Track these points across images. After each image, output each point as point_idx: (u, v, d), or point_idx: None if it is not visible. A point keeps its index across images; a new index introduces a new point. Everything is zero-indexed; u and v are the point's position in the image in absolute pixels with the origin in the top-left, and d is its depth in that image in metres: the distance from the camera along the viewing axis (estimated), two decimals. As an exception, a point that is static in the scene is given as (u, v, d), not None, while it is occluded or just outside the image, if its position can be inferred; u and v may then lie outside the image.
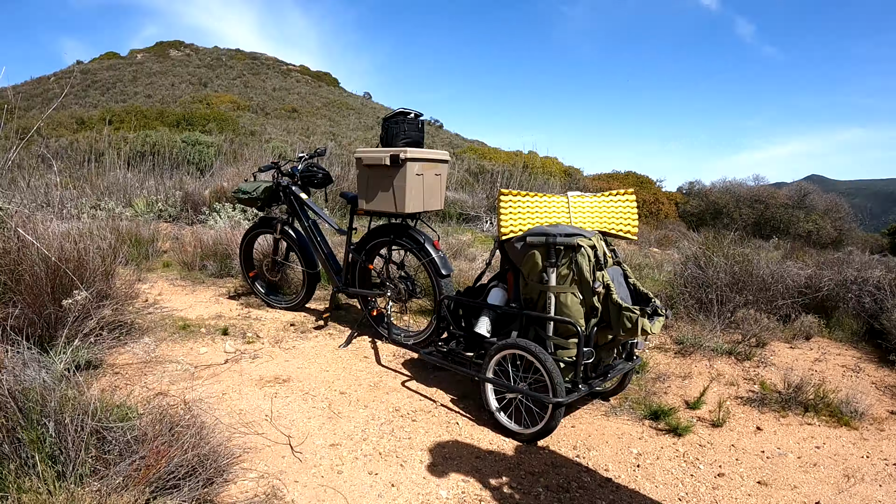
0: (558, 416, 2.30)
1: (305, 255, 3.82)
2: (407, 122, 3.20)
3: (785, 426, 2.62)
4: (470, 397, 2.79)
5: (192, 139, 10.75)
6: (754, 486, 2.14)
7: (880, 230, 17.83)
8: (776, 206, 16.93)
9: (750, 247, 4.78)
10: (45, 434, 1.65)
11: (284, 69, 48.70)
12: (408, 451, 2.28)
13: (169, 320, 3.62)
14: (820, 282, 4.18)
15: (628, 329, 2.23)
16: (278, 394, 2.72)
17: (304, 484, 2.02)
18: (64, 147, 10.70)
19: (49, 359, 2.29)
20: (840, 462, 2.33)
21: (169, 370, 2.87)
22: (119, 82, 38.27)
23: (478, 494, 2.02)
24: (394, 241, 3.35)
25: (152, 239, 5.41)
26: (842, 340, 3.83)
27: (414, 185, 3.07)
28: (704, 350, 3.46)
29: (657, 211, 17.83)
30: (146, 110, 23.12)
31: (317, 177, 3.80)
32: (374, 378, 2.98)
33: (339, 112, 38.84)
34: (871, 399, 2.87)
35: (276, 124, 28.09)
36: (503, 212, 2.58)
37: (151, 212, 7.16)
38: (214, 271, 4.78)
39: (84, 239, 3.06)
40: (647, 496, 2.06)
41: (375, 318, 3.58)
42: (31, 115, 23.67)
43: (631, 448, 2.38)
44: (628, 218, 2.69)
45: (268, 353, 3.24)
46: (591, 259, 2.31)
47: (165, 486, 1.70)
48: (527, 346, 2.32)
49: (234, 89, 39.32)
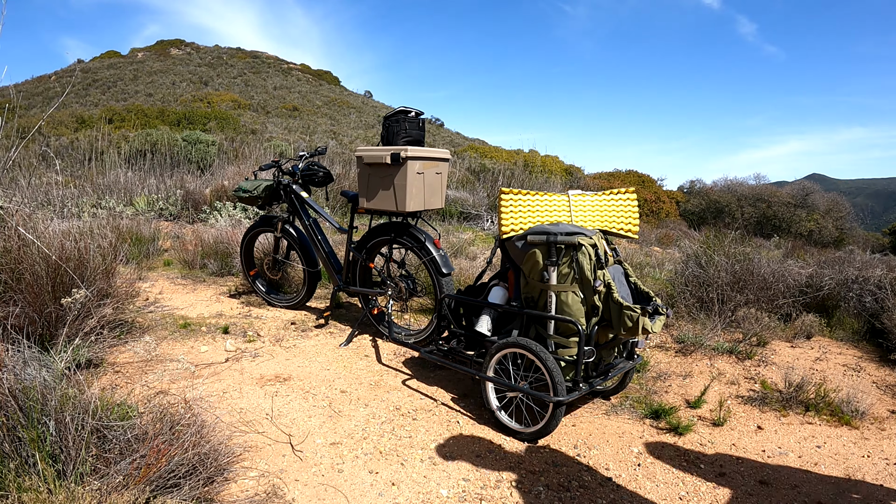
0: (559, 414, 2.29)
1: (306, 253, 3.82)
2: (408, 120, 3.20)
3: (786, 425, 2.61)
4: (471, 396, 2.79)
5: (193, 138, 10.75)
6: (755, 485, 2.14)
7: (881, 229, 17.81)
8: (777, 205, 16.91)
9: (751, 246, 4.77)
10: (45, 433, 1.65)
11: (285, 68, 48.67)
12: (408, 449, 2.28)
13: (169, 319, 3.63)
14: (821, 281, 4.18)
15: (629, 328, 2.23)
16: (279, 392, 2.72)
17: (305, 482, 2.02)
18: (65, 146, 10.71)
19: (49, 357, 2.29)
20: (841, 461, 2.33)
21: (169, 369, 2.87)
22: (120, 81, 38.26)
23: (478, 493, 2.02)
24: (394, 239, 3.35)
25: (153, 237, 5.41)
26: (843, 339, 3.82)
27: (415, 184, 3.06)
28: (705, 349, 3.45)
29: (658, 210, 17.81)
30: (147, 109, 23.12)
31: (317, 175, 3.80)
32: (374, 377, 2.98)
33: (339, 111, 38.82)
34: (872, 398, 2.87)
35: (276, 123, 28.09)
36: (504, 210, 2.57)
37: (152, 210, 7.16)
38: (215, 270, 4.78)
39: (85, 237, 3.06)
40: (647, 495, 2.06)
41: (376, 316, 3.58)
42: (31, 113, 23.70)
43: (632, 447, 2.38)
44: (629, 217, 2.68)
45: (268, 351, 3.24)
46: (591, 258, 2.31)
47: (166, 484, 1.70)
48: (528, 345, 2.32)
49: (235, 88, 39.31)
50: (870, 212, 20.66)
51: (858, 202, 21.04)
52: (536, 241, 2.38)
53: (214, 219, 6.67)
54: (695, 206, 18.34)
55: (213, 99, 32.52)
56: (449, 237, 6.36)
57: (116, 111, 22.10)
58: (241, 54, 49.46)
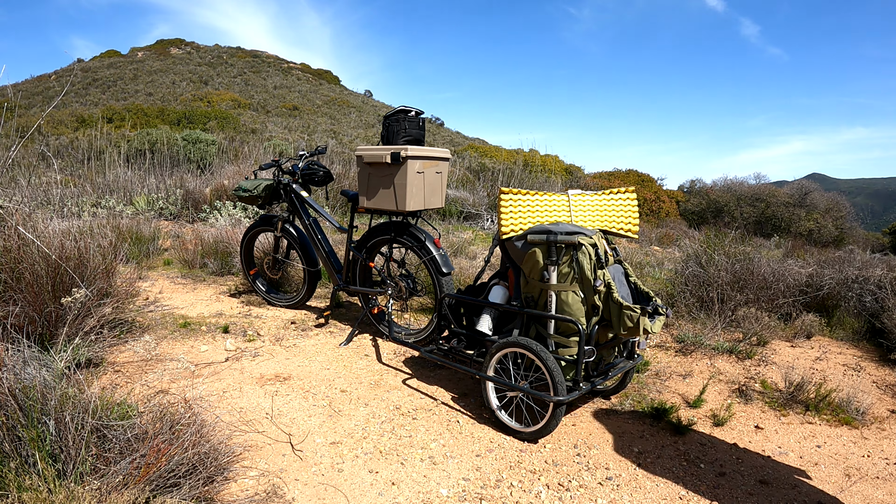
0: (559, 414, 2.29)
1: (306, 253, 3.82)
2: (408, 119, 3.19)
3: (786, 425, 2.61)
4: (471, 395, 2.79)
5: (193, 137, 10.75)
6: (755, 484, 2.14)
7: (881, 229, 17.81)
8: (777, 205, 16.90)
9: (751, 245, 4.77)
10: (45, 432, 1.65)
11: (285, 67, 48.65)
12: (408, 449, 2.28)
13: (169, 318, 3.62)
14: (821, 280, 4.18)
15: (629, 328, 2.23)
16: (279, 392, 2.72)
17: (305, 482, 2.02)
18: (64, 145, 10.71)
19: (49, 357, 2.28)
20: (841, 461, 2.33)
21: (169, 368, 2.87)
22: (120, 80, 38.24)
23: (478, 493, 2.02)
24: (395, 239, 3.35)
25: (153, 237, 5.41)
26: (843, 339, 3.82)
27: (415, 183, 3.06)
28: (705, 348, 3.45)
29: (658, 209, 17.80)
30: (147, 108, 23.10)
31: (317, 175, 3.80)
32: (374, 376, 2.98)
33: (339, 110, 38.81)
34: (872, 398, 2.87)
35: (276, 122, 28.08)
36: (504, 210, 2.57)
37: (152, 210, 7.16)
38: (215, 269, 4.78)
39: (84, 237, 3.06)
40: (647, 495, 2.06)
41: (376, 316, 3.58)
42: (31, 113, 23.68)
43: (632, 446, 2.37)
44: (629, 216, 2.68)
45: (268, 351, 3.24)
46: (592, 257, 2.31)
47: (166, 484, 1.70)
48: (528, 345, 2.32)
49: (235, 87, 39.29)
50: (870, 211, 20.67)
51: (859, 202, 21.07)
52: (537, 240, 2.38)
53: (214, 218, 6.67)
54: (695, 205, 18.33)
55: (212, 98, 32.51)
56: (449, 236, 6.35)
57: (116, 110, 22.09)
58: (241, 53, 49.44)
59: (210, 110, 24.53)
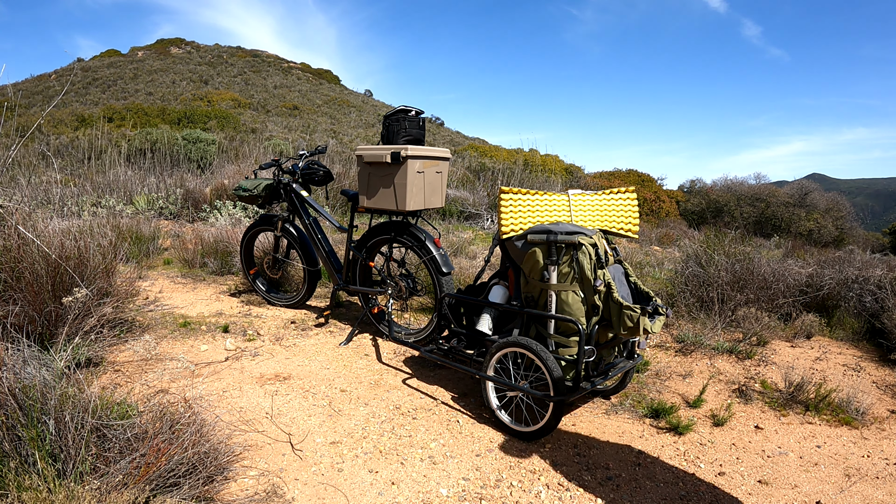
0: (559, 414, 2.29)
1: (306, 252, 3.81)
2: (408, 119, 3.19)
3: (786, 425, 2.61)
4: (471, 395, 2.79)
5: (193, 136, 10.74)
6: (755, 484, 2.14)
7: (881, 229, 17.80)
8: (777, 205, 16.90)
9: (751, 245, 4.77)
10: (45, 432, 1.65)
11: (285, 66, 48.64)
12: (408, 448, 2.28)
13: (169, 318, 3.62)
14: (821, 280, 4.18)
15: (629, 328, 2.23)
16: (279, 391, 2.72)
17: (305, 482, 2.02)
18: (64, 144, 10.71)
19: (49, 356, 2.28)
20: (841, 461, 2.33)
21: (169, 368, 2.87)
22: (120, 80, 38.24)
23: (478, 493, 2.02)
24: (395, 238, 3.35)
25: (153, 236, 5.40)
26: (843, 339, 3.82)
27: (415, 183, 3.06)
28: (705, 348, 3.45)
29: (658, 209, 17.80)
30: (147, 108, 23.10)
31: (317, 174, 3.80)
32: (374, 376, 2.98)
33: (340, 109, 38.80)
34: (872, 398, 2.87)
35: (276, 122, 28.07)
36: (504, 210, 2.57)
37: (152, 209, 7.16)
38: (215, 269, 4.78)
39: (84, 236, 3.06)
40: (647, 495, 2.06)
41: (376, 315, 3.58)
42: (31, 112, 23.67)
43: (632, 446, 2.37)
44: (629, 216, 2.68)
45: (268, 350, 3.24)
46: (592, 257, 2.31)
47: (165, 483, 1.70)
48: (528, 345, 2.32)
49: (235, 87, 39.29)
50: (870, 212, 20.66)
51: (859, 202, 21.05)
52: (537, 240, 2.38)
53: (214, 218, 6.66)
54: (695, 205, 18.33)
55: (213, 98, 32.51)
56: (449, 236, 6.35)
57: (116, 110, 22.09)
58: (241, 53, 49.43)
59: (210, 110, 24.53)
